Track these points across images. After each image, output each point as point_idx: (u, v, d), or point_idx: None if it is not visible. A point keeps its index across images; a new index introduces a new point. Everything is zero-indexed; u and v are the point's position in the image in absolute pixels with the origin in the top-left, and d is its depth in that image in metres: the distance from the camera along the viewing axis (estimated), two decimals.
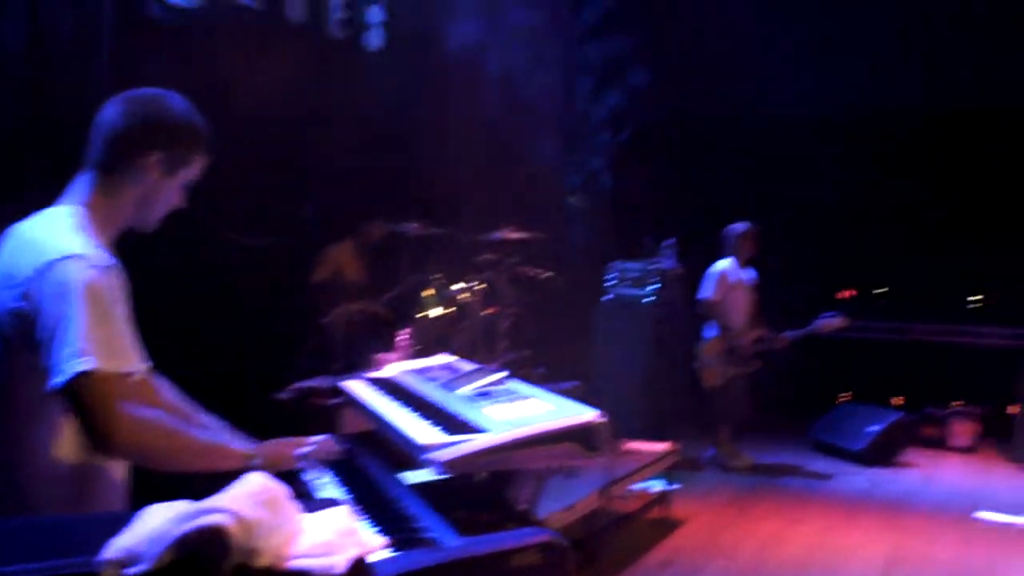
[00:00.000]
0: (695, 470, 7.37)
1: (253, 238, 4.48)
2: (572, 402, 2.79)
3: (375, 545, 1.93)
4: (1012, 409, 8.86)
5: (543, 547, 2.38)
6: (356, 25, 6.19)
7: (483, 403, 2.87)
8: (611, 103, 9.12)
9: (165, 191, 2.29)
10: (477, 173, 6.77)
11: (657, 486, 6.19)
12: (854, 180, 9.65)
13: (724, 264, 7.46)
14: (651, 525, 5.89)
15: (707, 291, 7.39)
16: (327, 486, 2.80)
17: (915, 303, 9.76)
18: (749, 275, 7.54)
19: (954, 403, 9.01)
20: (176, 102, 2.30)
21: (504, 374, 3.12)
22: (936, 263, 9.66)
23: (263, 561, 1.61)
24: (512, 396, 2.93)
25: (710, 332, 7.43)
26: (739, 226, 7.49)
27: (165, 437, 2.12)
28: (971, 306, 10.13)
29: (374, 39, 6.33)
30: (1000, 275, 9.64)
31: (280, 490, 1.75)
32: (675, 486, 6.31)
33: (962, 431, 8.82)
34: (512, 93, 7.78)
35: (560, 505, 4.51)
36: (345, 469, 3.10)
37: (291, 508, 1.76)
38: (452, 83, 7.18)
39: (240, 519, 1.58)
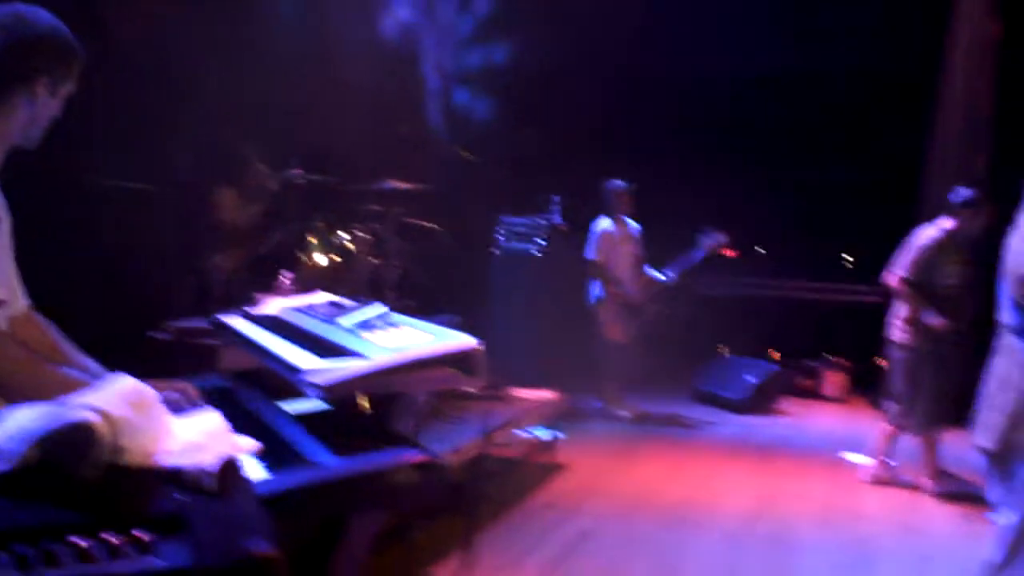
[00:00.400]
0: (580, 419, 7.54)
1: (128, 181, 4.35)
2: (450, 330, 2.84)
3: (246, 446, 1.95)
4: (880, 362, 9.32)
5: (421, 466, 2.43)
6: None
7: (363, 332, 2.89)
8: (499, 58, 9.14)
9: (49, 108, 2.24)
10: (365, 124, 6.72)
11: (543, 433, 6.32)
12: (733, 141, 9.92)
13: (604, 223, 7.60)
14: (535, 470, 6.01)
15: (591, 251, 7.53)
16: None
17: (792, 261, 10.14)
18: (632, 229, 7.70)
19: (827, 356, 9.43)
20: (44, 18, 2.23)
21: (384, 308, 3.14)
22: (813, 223, 10.04)
23: (130, 459, 1.61)
24: (392, 326, 2.96)
25: (599, 291, 7.56)
26: (616, 183, 7.63)
27: (28, 367, 2.07)
28: (844, 263, 10.57)
29: None
30: (872, 235, 10.08)
31: (150, 392, 1.75)
32: (560, 434, 6.45)
33: (833, 382, 9.27)
34: (400, 47, 7.73)
35: (446, 448, 4.56)
36: (223, 403, 3.08)
37: (160, 410, 1.76)
38: (342, 34, 7.08)
39: (107, 416, 1.58)
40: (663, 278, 7.60)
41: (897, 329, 6.06)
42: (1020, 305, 2.64)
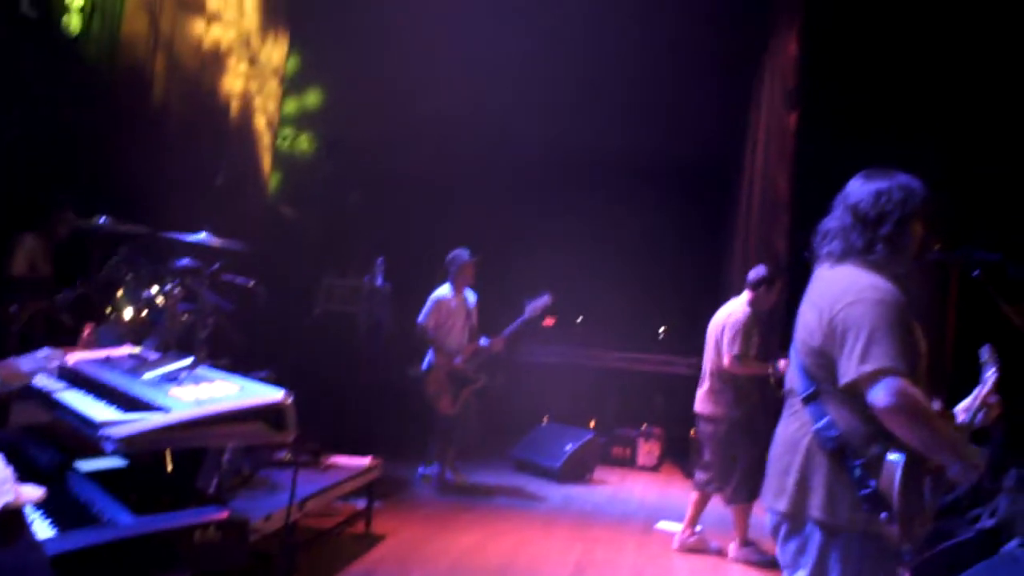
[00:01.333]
0: (397, 486, 7.40)
1: None
2: (260, 384, 2.74)
3: (30, 495, 1.79)
4: (691, 432, 9.68)
5: (222, 524, 2.32)
6: (54, 7, 5.76)
7: (168, 386, 2.75)
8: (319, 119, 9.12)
9: None
10: (180, 174, 6.49)
11: (358, 502, 6.15)
12: (559, 213, 10.21)
13: (443, 291, 7.54)
14: (352, 539, 5.83)
15: (423, 316, 7.45)
16: None
17: (609, 331, 10.43)
18: (467, 299, 7.69)
19: (641, 425, 9.69)
20: None
21: (191, 360, 3.00)
22: (630, 295, 10.38)
23: None
24: (200, 380, 2.83)
25: (430, 359, 7.50)
26: (462, 254, 7.58)
27: None
28: (659, 336, 10.97)
29: (72, 23, 5.92)
30: (684, 308, 10.53)
31: None
32: (377, 503, 6.30)
33: (648, 451, 9.52)
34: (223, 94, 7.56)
35: (255, 515, 4.36)
36: (9, 460, 2.85)
37: None
38: (156, 80, 6.85)
39: None
40: (486, 344, 7.61)
41: (707, 403, 6.30)
42: (809, 373, 2.77)
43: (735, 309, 6.27)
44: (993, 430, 7.89)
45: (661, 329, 11.03)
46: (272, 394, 2.60)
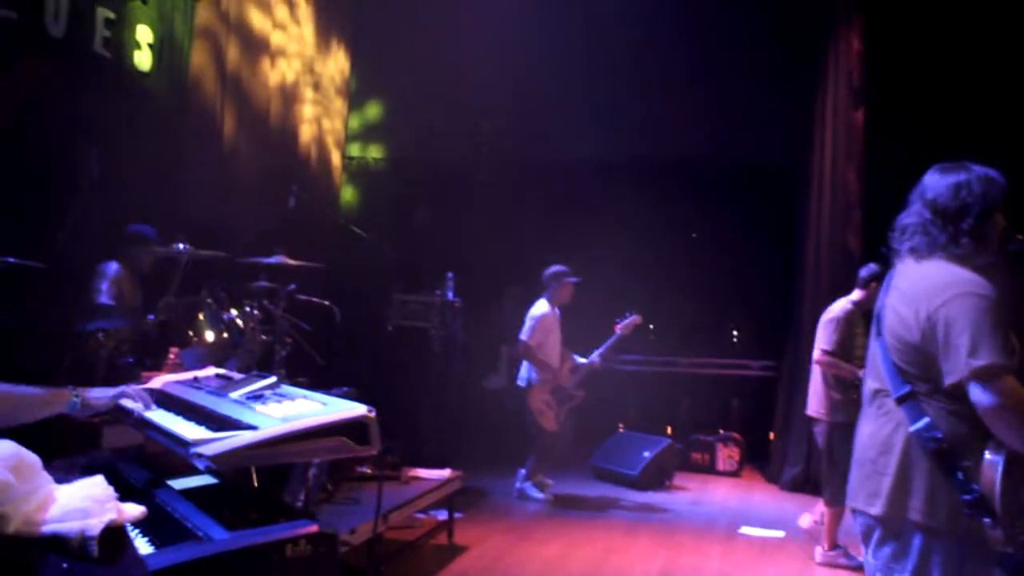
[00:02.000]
0: (478, 497, 7.44)
1: (9, 257, 4.17)
2: (342, 400, 2.79)
3: (132, 513, 1.85)
4: (771, 435, 9.56)
5: (312, 538, 2.37)
6: (122, 44, 5.96)
7: (254, 404, 2.82)
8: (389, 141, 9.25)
9: None
10: (254, 201, 6.66)
11: (440, 513, 6.21)
12: (624, 221, 10.18)
13: (542, 307, 7.59)
14: (435, 551, 5.87)
15: (527, 334, 7.50)
16: None
17: (682, 337, 10.35)
18: (557, 313, 7.72)
19: (720, 430, 9.60)
20: None
21: (275, 379, 3.07)
22: (701, 300, 10.30)
23: (12, 527, 1.50)
24: (283, 398, 2.89)
25: (531, 376, 7.56)
26: (565, 272, 7.62)
27: None
28: (734, 340, 10.85)
29: (142, 60, 6.11)
30: (756, 311, 10.41)
31: (32, 458, 1.66)
32: (458, 514, 6.34)
33: (727, 456, 9.41)
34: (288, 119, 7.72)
35: (340, 529, 4.42)
36: (110, 481, 2.95)
37: (43, 477, 1.66)
38: (223, 107, 7.03)
39: None
40: (586, 362, 7.67)
41: (811, 402, 6.18)
42: (903, 372, 2.70)
43: (836, 305, 6.15)
44: None
45: (734, 333, 10.91)
46: (355, 409, 2.64)
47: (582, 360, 7.70)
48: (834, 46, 8.90)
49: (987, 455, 2.55)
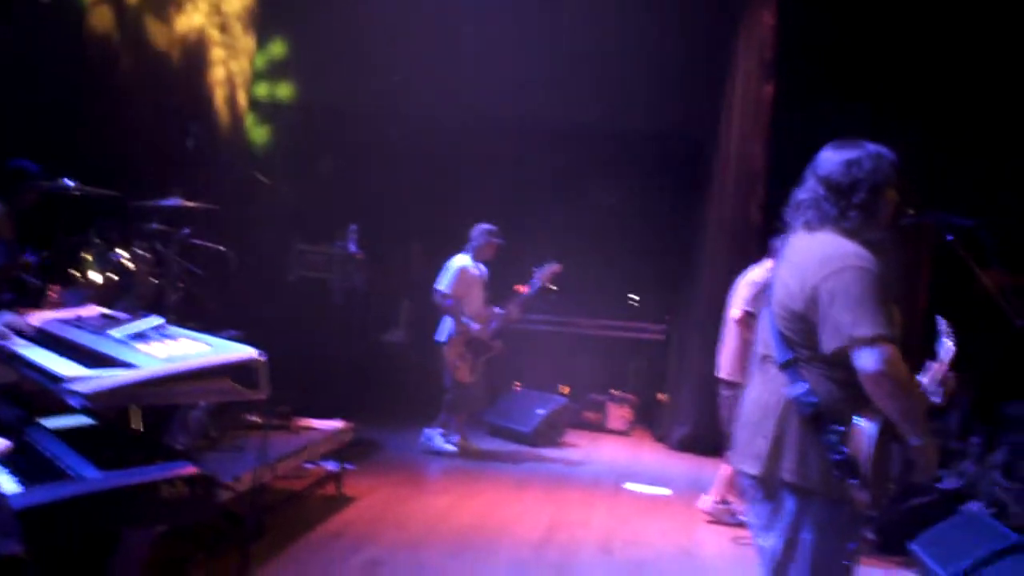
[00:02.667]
0: (370, 450, 7.45)
1: None
2: (230, 343, 2.75)
3: None
4: (661, 396, 9.80)
5: (189, 479, 2.34)
6: None
7: (136, 344, 2.76)
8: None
9: None
10: (151, 136, 6.43)
11: (330, 465, 6.19)
12: (531, 184, 10.22)
13: (464, 260, 7.61)
14: (324, 501, 5.86)
15: (446, 285, 7.50)
16: None
17: (583, 300, 10.47)
18: (482, 271, 7.77)
19: (613, 390, 9.79)
20: None
21: (160, 320, 3.00)
22: (604, 264, 10.42)
23: None
24: (168, 338, 2.84)
25: (448, 329, 7.57)
26: (491, 230, 7.66)
27: None
28: (633, 304, 11.03)
29: None
30: (657, 277, 10.59)
31: None
32: (349, 465, 6.34)
33: (619, 415, 9.62)
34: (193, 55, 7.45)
35: (226, 477, 4.37)
36: None
37: None
38: (123, 42, 6.75)
39: None
40: (502, 312, 7.73)
41: (727, 366, 6.30)
42: (787, 340, 2.79)
43: (757, 270, 6.25)
44: (958, 398, 8.05)
45: (634, 297, 11.08)
46: (244, 352, 2.61)
47: (498, 311, 7.76)
48: (747, 20, 9.01)
49: (861, 421, 2.67)
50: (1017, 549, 4.99)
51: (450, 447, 7.74)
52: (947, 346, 3.23)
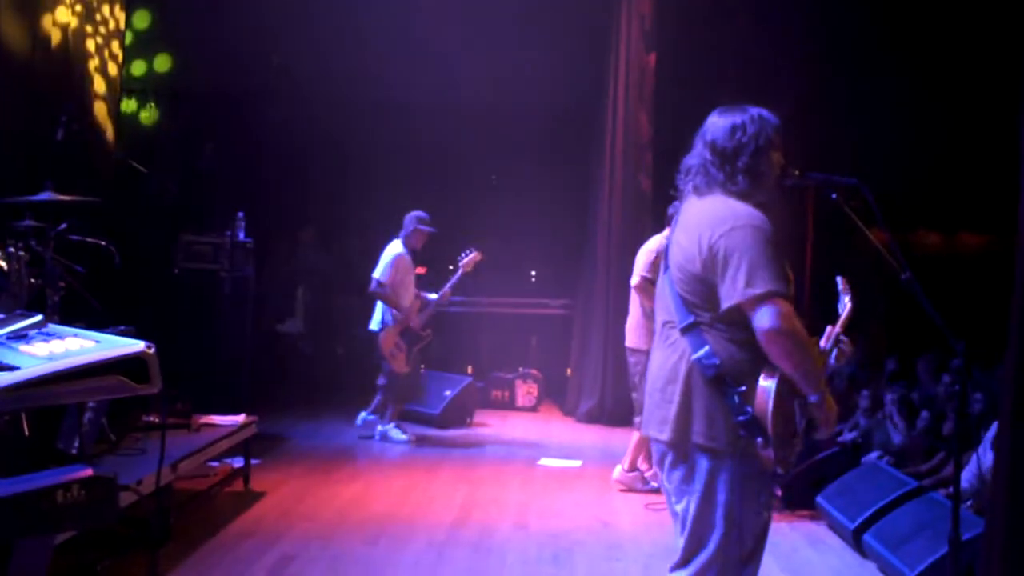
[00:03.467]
0: (274, 443, 7.26)
1: None
2: (118, 337, 2.59)
3: None
4: (567, 371, 9.85)
5: (86, 482, 2.20)
6: None
7: (16, 344, 2.57)
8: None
9: None
10: (15, 130, 6.06)
11: (235, 461, 6.00)
12: (422, 165, 10.11)
13: (398, 248, 7.52)
14: (231, 499, 5.67)
15: (385, 274, 7.39)
16: None
17: (482, 278, 10.41)
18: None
19: (519, 368, 9.79)
20: None
21: (40, 317, 2.81)
22: (500, 241, 10.39)
23: None
24: (51, 337, 2.65)
25: (384, 318, 7.48)
26: (424, 218, 7.57)
27: None
28: (532, 279, 11.05)
29: None
30: (554, 251, 10.64)
31: None
32: (255, 460, 6.16)
33: (526, 392, 9.64)
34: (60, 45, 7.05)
35: (128, 481, 4.17)
36: None
37: None
38: None
39: None
40: (433, 298, 7.71)
41: (632, 335, 6.30)
42: (687, 303, 2.79)
43: (654, 239, 6.25)
44: (848, 359, 8.33)
45: (532, 273, 11.10)
46: (132, 345, 2.45)
47: (432, 296, 7.72)
48: None
49: (761, 380, 2.70)
50: (915, 494, 5.19)
51: (406, 436, 7.68)
52: (845, 303, 3.30)
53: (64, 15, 7.13)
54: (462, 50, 9.27)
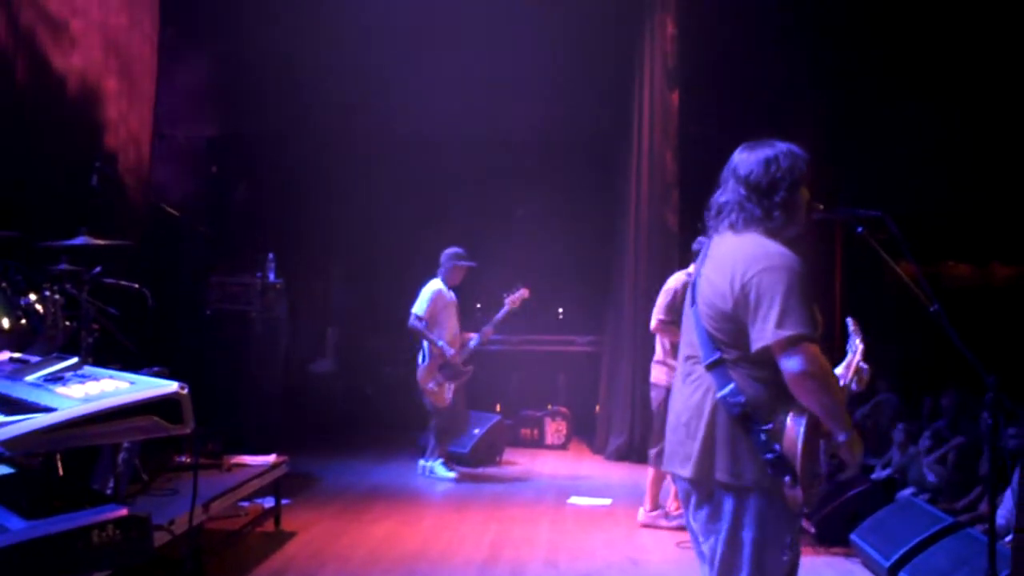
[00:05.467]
0: (305, 483, 7.28)
1: None
2: (152, 379, 2.62)
3: None
4: (596, 408, 9.81)
5: (122, 522, 2.22)
6: None
7: (53, 386, 2.61)
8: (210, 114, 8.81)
9: None
10: (54, 174, 6.18)
11: (266, 501, 6.03)
12: (448, 201, 10.18)
13: (438, 284, 7.64)
14: (262, 539, 5.69)
15: (421, 308, 7.51)
16: None
17: (511, 315, 10.42)
18: (453, 296, 7.78)
19: (548, 405, 9.77)
20: None
21: (76, 360, 2.86)
22: (526, 277, 10.41)
23: None
24: (87, 378, 2.69)
25: (423, 358, 7.59)
26: (460, 254, 7.69)
27: None
28: (559, 316, 11.04)
29: None
30: (580, 288, 10.63)
31: None
32: (285, 500, 6.17)
33: (555, 430, 9.60)
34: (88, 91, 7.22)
35: (161, 521, 4.20)
36: None
37: None
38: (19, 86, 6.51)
39: None
40: (476, 337, 7.80)
41: (655, 369, 6.32)
42: (714, 340, 2.79)
43: (673, 277, 6.30)
44: (879, 386, 8.24)
45: (559, 310, 11.10)
46: (166, 386, 2.48)
47: (473, 335, 7.81)
48: (650, 29, 9.16)
49: (789, 419, 2.69)
50: (950, 531, 5.11)
51: (452, 474, 7.73)
52: (855, 344, 3.29)
53: (95, 59, 7.29)
54: (487, 87, 9.38)
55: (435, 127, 9.72)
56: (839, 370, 3.04)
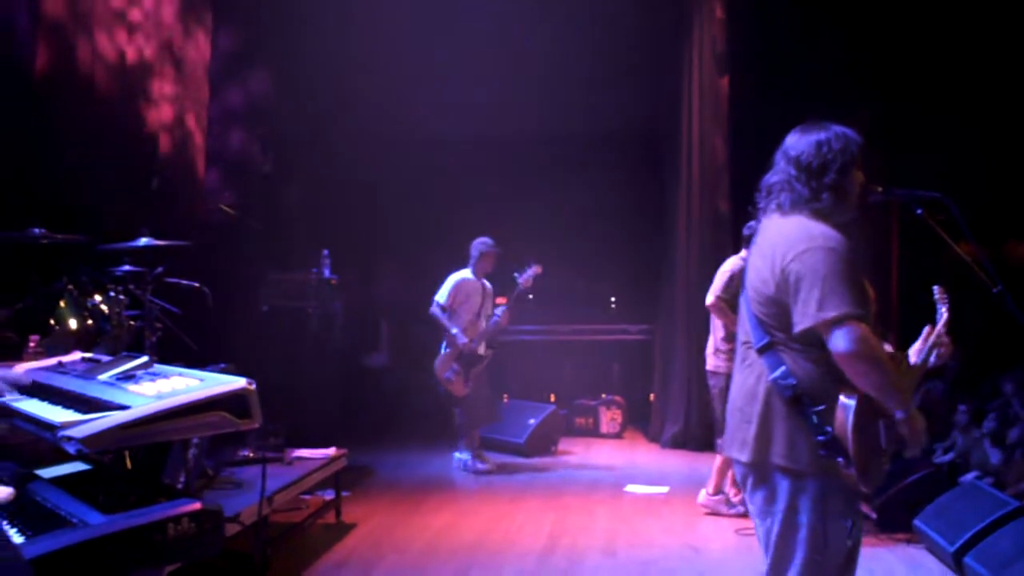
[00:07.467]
0: (364, 475, 7.38)
1: None
2: (221, 375, 2.70)
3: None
4: (651, 396, 9.80)
5: (195, 515, 2.30)
6: None
7: (126, 384, 2.70)
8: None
9: None
10: (116, 181, 6.34)
11: (326, 493, 6.12)
12: (498, 195, 10.20)
13: (464, 273, 7.63)
14: (323, 531, 5.79)
15: (444, 296, 7.52)
16: None
17: (561, 305, 10.45)
18: (486, 285, 7.75)
19: (602, 394, 9.77)
20: None
21: (146, 358, 2.95)
22: (579, 268, 10.42)
23: None
24: (157, 376, 2.78)
25: (444, 347, 7.56)
26: (486, 241, 7.66)
27: None
28: (612, 306, 11.02)
29: None
30: (633, 276, 10.60)
31: None
32: (345, 492, 6.27)
33: (610, 418, 9.61)
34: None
35: (227, 514, 4.30)
36: None
37: None
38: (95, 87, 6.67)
39: None
40: (493, 320, 7.68)
41: (711, 358, 6.32)
42: (763, 324, 2.79)
43: (729, 261, 6.27)
44: (945, 369, 8.11)
45: (612, 299, 11.08)
46: (234, 382, 2.56)
47: (491, 320, 7.71)
48: (698, 15, 9.10)
49: (841, 399, 2.68)
50: (1016, 515, 5.02)
51: (486, 465, 7.74)
52: (942, 312, 3.24)
53: (152, 64, 7.44)
54: (538, 80, 9.39)
55: (480, 124, 9.76)
56: (917, 344, 3.02)
